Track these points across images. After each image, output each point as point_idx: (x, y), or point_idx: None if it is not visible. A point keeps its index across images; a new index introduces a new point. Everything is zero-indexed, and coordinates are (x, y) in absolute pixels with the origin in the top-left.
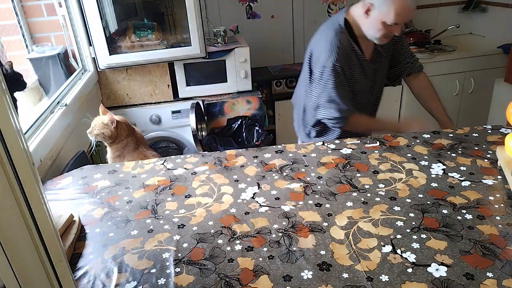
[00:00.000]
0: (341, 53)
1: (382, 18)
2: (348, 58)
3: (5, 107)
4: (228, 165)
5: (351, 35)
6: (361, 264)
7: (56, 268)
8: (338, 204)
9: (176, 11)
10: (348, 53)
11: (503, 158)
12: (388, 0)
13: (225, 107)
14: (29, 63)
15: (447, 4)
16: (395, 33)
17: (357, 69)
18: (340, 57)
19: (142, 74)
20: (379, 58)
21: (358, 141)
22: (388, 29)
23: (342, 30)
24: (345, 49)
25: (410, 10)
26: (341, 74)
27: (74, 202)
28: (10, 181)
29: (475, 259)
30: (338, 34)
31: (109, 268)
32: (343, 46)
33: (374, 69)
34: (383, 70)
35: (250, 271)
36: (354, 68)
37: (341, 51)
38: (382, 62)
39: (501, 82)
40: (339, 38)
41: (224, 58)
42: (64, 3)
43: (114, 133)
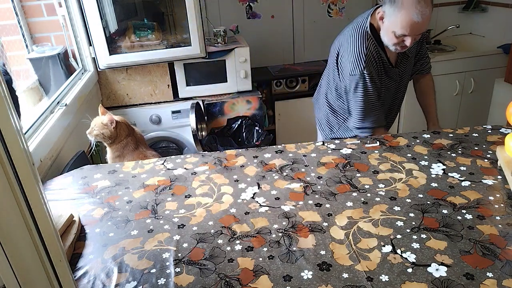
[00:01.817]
0: (368, 60)
1: (392, 28)
2: (375, 65)
3: (5, 107)
4: (228, 165)
5: (377, 40)
6: (361, 264)
7: (56, 268)
8: (338, 204)
9: (176, 11)
10: (375, 60)
11: (503, 158)
12: (396, 10)
13: (225, 107)
14: (29, 63)
15: (447, 4)
16: (407, 44)
17: (383, 75)
18: (367, 65)
19: (142, 74)
20: (404, 60)
21: (358, 141)
22: (398, 39)
23: (368, 37)
24: (373, 56)
25: (417, 24)
26: (369, 81)
27: (74, 202)
28: (10, 181)
29: (475, 259)
30: (365, 41)
31: (109, 268)
32: (371, 53)
33: (400, 73)
34: (408, 71)
35: (250, 271)
36: (381, 75)
37: (368, 58)
38: (408, 64)
39: (501, 82)
40: (366, 46)
41: (224, 58)
42: (64, 3)
43: (114, 133)
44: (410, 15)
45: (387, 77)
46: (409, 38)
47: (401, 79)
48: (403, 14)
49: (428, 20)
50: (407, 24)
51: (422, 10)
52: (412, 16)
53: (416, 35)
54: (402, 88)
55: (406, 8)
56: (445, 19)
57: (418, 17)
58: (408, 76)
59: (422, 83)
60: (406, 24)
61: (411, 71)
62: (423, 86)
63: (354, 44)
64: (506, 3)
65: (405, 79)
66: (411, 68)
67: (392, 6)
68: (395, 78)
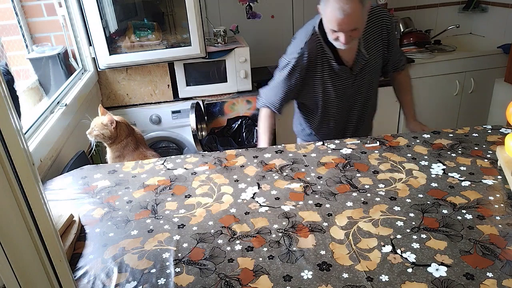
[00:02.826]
0: (302, 59)
1: (326, 23)
2: (313, 65)
3: (5, 107)
4: (228, 165)
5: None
6: (361, 264)
7: (56, 268)
8: (338, 204)
9: (176, 11)
10: (315, 59)
11: (503, 158)
12: (324, 6)
13: (225, 107)
14: (29, 63)
15: (447, 4)
16: (341, 41)
17: (327, 74)
18: (299, 63)
19: (142, 74)
20: (361, 59)
21: (358, 141)
22: (334, 34)
23: (314, 33)
24: (311, 56)
25: (341, 20)
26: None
27: (74, 202)
28: (10, 181)
29: (475, 259)
30: (308, 38)
31: (109, 268)
32: (310, 52)
33: (356, 72)
34: (370, 71)
35: (250, 271)
36: (325, 73)
37: (302, 57)
38: (368, 65)
39: (501, 82)
40: (307, 42)
41: (224, 58)
42: (64, 3)
43: (114, 133)
44: (333, 11)
45: (336, 75)
46: (342, 34)
47: (357, 79)
48: (328, 10)
49: (354, 17)
50: (333, 20)
51: (343, 6)
52: (335, 12)
53: (347, 32)
54: (364, 89)
55: (331, 4)
56: (445, 19)
57: (340, 13)
58: (372, 78)
59: (398, 80)
60: (332, 20)
61: (376, 73)
62: (399, 83)
63: (299, 36)
64: (506, 3)
65: (366, 80)
66: (376, 70)
67: (322, 2)
68: (347, 77)
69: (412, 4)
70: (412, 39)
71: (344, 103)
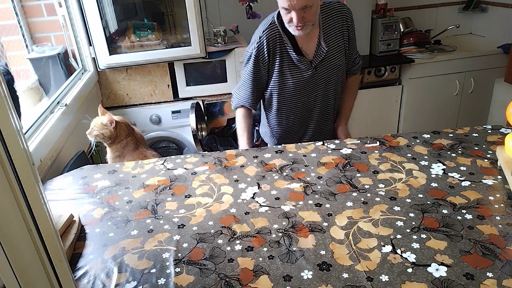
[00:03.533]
0: (261, 47)
1: (280, 4)
2: (272, 53)
3: (5, 107)
4: (228, 165)
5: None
6: (361, 264)
7: (56, 268)
8: (338, 204)
9: (176, 11)
10: (273, 48)
11: (503, 158)
12: None
13: (225, 107)
14: (29, 63)
15: (447, 4)
16: (294, 21)
17: (286, 64)
18: (258, 52)
19: (142, 74)
20: (321, 53)
21: (358, 141)
22: (287, 16)
23: (272, 22)
24: (269, 44)
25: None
26: (251, 66)
27: (74, 202)
28: (10, 181)
29: (475, 259)
30: (265, 27)
31: (109, 268)
32: (268, 40)
33: (316, 65)
34: (331, 66)
35: (250, 271)
36: (283, 63)
37: (261, 45)
38: (329, 58)
39: (501, 82)
40: (265, 31)
41: (224, 58)
42: (64, 3)
43: (114, 133)
44: None
45: (294, 66)
46: (294, 13)
47: (317, 72)
48: None
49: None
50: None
51: None
52: None
53: (300, 11)
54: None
55: None
56: (445, 19)
57: None
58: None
59: (347, 82)
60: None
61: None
62: (348, 85)
63: (258, 28)
64: (506, 3)
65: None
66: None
67: None
68: (306, 68)
69: (412, 4)
70: (412, 39)
71: (302, 98)
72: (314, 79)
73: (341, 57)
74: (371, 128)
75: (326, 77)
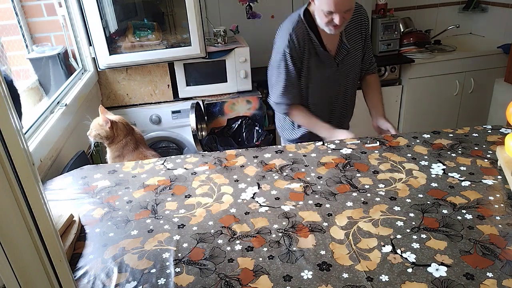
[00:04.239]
0: (293, 43)
1: (321, 6)
2: (302, 49)
3: (5, 107)
4: (228, 165)
5: (312, 26)
6: (361, 264)
7: (56, 268)
8: (338, 204)
9: (176, 11)
10: (303, 44)
11: (503, 158)
12: None
13: (225, 107)
14: (29, 63)
15: (447, 4)
16: (336, 22)
17: (313, 60)
18: (292, 47)
19: (142, 74)
20: (343, 50)
21: (358, 141)
22: (327, 17)
23: (299, 20)
24: (299, 40)
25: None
26: (290, 63)
27: (74, 202)
28: (10, 181)
29: (475, 259)
30: (294, 25)
31: (109, 268)
32: (297, 37)
33: (339, 61)
34: (351, 63)
35: (250, 271)
36: (311, 59)
37: (292, 42)
38: (349, 56)
39: (501, 82)
40: (294, 28)
41: (224, 58)
42: (64, 3)
43: (110, 133)
44: None
45: (321, 63)
46: (337, 16)
47: (340, 70)
48: None
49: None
50: (330, 0)
51: None
52: None
53: (343, 13)
54: (344, 81)
55: None
56: (445, 19)
57: None
58: (352, 72)
59: (368, 81)
60: (329, 1)
61: (355, 68)
62: (369, 83)
63: (283, 27)
64: (506, 3)
65: (346, 71)
66: (356, 64)
67: None
68: (330, 64)
69: (412, 4)
70: (412, 39)
71: (326, 92)
72: (337, 74)
73: (359, 55)
74: (371, 128)
75: (346, 73)
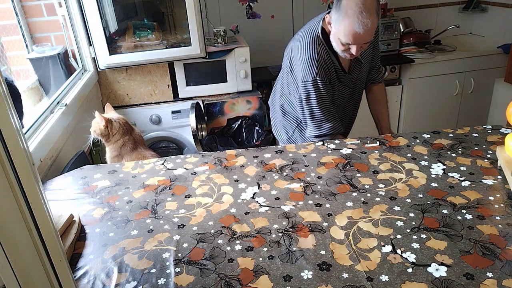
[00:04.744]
0: (320, 66)
1: (338, 35)
2: (327, 71)
3: (5, 107)
4: (228, 165)
5: (329, 45)
6: (361, 264)
7: (56, 268)
8: (338, 204)
9: (176, 11)
10: (327, 65)
11: (503, 158)
12: (340, 18)
13: (225, 107)
14: (29, 63)
15: (447, 4)
16: (353, 52)
17: (335, 82)
18: (319, 70)
19: (142, 74)
20: (358, 66)
21: (358, 141)
22: (344, 46)
23: (320, 42)
24: (325, 62)
25: (359, 35)
26: (322, 87)
27: (74, 202)
28: (10, 181)
29: (475, 259)
30: (316, 46)
31: (109, 268)
32: (322, 58)
33: (353, 79)
34: (362, 77)
35: (250, 271)
36: (333, 81)
37: (320, 64)
38: (362, 70)
39: (501, 82)
40: (317, 51)
41: (224, 58)
42: (64, 3)
43: (105, 131)
44: (352, 25)
45: (340, 84)
46: (354, 47)
47: (354, 86)
48: (346, 23)
49: (372, 31)
50: (350, 33)
51: (364, 21)
52: (354, 27)
53: (361, 44)
54: (356, 95)
55: (349, 18)
56: (445, 19)
57: (360, 28)
58: (362, 83)
59: (375, 92)
60: (349, 33)
61: (365, 78)
62: (376, 95)
63: (305, 49)
64: (506, 3)
65: (359, 85)
66: (366, 75)
67: (337, 13)
68: (348, 84)
69: (412, 4)
70: (412, 39)
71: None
72: (352, 90)
73: (368, 66)
74: (371, 128)
75: (359, 87)
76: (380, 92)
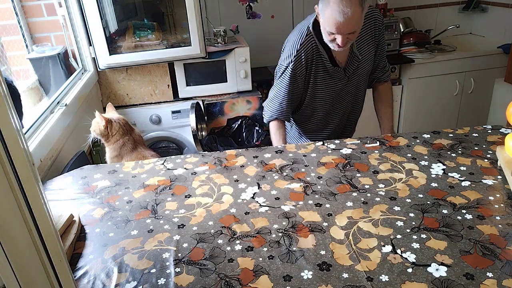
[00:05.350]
0: (299, 62)
1: (324, 25)
2: (309, 66)
3: (5, 107)
4: (228, 165)
5: (321, 38)
6: (361, 264)
7: (56, 268)
8: (338, 204)
9: (176, 11)
10: (311, 61)
11: (503, 158)
12: (324, 8)
13: (225, 107)
14: (29, 63)
15: (447, 4)
16: (338, 42)
17: (322, 75)
18: (297, 65)
19: (142, 74)
20: (354, 61)
21: (358, 141)
22: (331, 36)
23: (308, 34)
24: (307, 57)
25: (340, 23)
26: (292, 81)
27: (74, 202)
28: (10, 181)
29: (475, 259)
30: (302, 40)
31: (109, 268)
32: (306, 53)
33: (349, 74)
34: (361, 74)
35: (250, 271)
36: (319, 75)
37: (299, 60)
38: (360, 67)
39: (501, 82)
40: (303, 44)
41: (224, 58)
42: (64, 3)
43: (104, 132)
44: (333, 14)
45: (329, 76)
46: (339, 37)
47: (349, 81)
48: (329, 12)
49: (354, 20)
50: (332, 22)
51: (344, 9)
52: (335, 15)
53: (345, 35)
54: (352, 92)
55: (331, 6)
56: (445, 19)
57: (340, 17)
58: (361, 81)
59: (380, 91)
60: (331, 23)
61: (366, 76)
62: (381, 94)
63: (292, 38)
64: (506, 3)
65: (357, 81)
66: (366, 73)
67: (322, 3)
68: (340, 78)
69: (412, 4)
70: (412, 39)
71: (335, 104)
72: (347, 86)
73: (370, 64)
74: (371, 128)
75: (357, 83)
76: (385, 92)
